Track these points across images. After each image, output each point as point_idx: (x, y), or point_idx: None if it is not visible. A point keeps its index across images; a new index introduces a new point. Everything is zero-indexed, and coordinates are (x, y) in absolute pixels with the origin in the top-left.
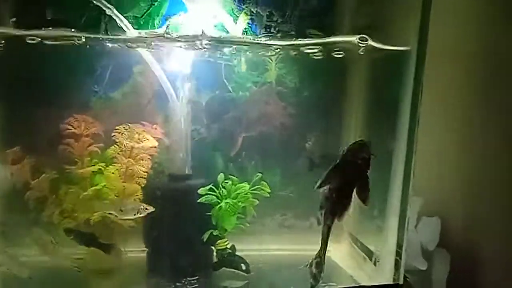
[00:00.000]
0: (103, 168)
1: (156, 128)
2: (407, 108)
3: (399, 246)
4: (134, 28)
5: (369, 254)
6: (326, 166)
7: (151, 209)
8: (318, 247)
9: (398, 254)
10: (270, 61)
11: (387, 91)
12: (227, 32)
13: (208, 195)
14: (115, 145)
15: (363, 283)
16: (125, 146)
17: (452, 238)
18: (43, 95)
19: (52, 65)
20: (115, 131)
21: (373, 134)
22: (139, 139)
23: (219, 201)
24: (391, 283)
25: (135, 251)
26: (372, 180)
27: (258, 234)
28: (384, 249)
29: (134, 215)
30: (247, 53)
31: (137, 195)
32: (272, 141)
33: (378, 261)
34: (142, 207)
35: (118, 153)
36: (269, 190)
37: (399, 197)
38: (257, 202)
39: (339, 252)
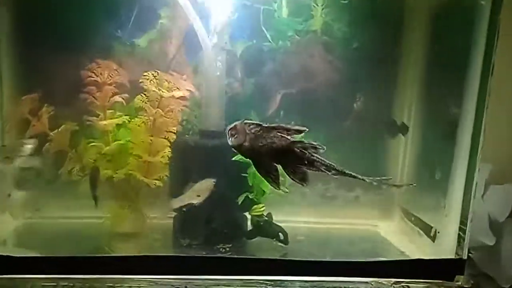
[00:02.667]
0: (127, 121)
1: (185, 79)
2: (477, 66)
3: (464, 217)
4: None
5: (425, 228)
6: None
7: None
8: (364, 221)
9: (463, 226)
10: (316, 6)
11: (454, 43)
12: None
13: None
14: (142, 94)
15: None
16: (153, 95)
17: None
18: (63, 39)
19: (73, 6)
20: (143, 77)
21: (433, 95)
22: (169, 87)
23: None
24: (454, 257)
25: (160, 217)
26: (436, 143)
27: (297, 205)
28: (445, 222)
29: (208, 193)
30: None
31: (165, 152)
32: (316, 100)
33: (438, 232)
34: (211, 182)
35: (145, 103)
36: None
37: (464, 163)
38: None
39: (389, 228)
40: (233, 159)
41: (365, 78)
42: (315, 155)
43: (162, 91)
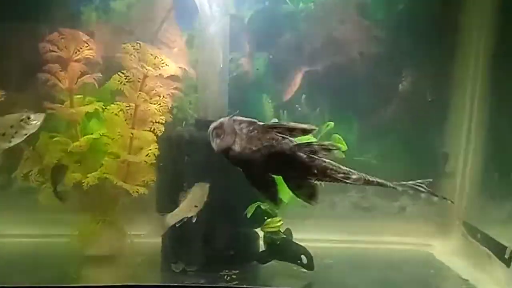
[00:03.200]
0: (101, 109)
1: (177, 54)
2: None
3: None
4: None
5: (496, 249)
6: None
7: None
8: (412, 239)
9: None
10: None
11: None
12: None
13: None
14: (120, 73)
15: None
16: (134, 74)
17: None
18: (15, 3)
19: None
20: (120, 51)
21: (502, 76)
22: (155, 64)
23: None
24: None
25: (146, 234)
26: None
27: (324, 218)
28: None
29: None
30: None
31: (150, 149)
32: (348, 80)
33: None
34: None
35: (124, 84)
36: (345, 148)
37: None
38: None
39: (446, 248)
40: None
41: (414, 51)
42: (328, 160)
43: (147, 69)
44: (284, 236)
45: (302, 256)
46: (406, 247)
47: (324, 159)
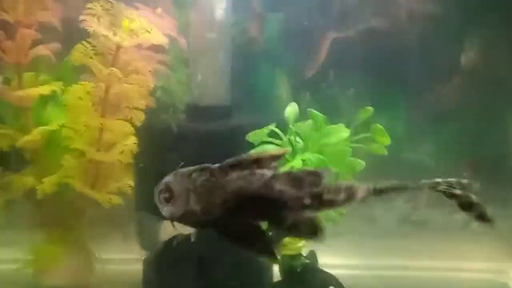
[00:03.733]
0: (60, 91)
1: (162, 15)
2: None
3: None
4: None
5: None
6: None
7: None
8: (481, 264)
9: None
10: None
11: None
12: None
13: (267, 145)
14: (84, 42)
15: None
16: (104, 43)
17: None
18: None
19: None
20: (85, 12)
21: None
22: (132, 30)
23: (290, 157)
24: None
25: (123, 259)
26: None
27: (361, 236)
28: None
29: None
30: None
31: (126, 144)
32: (392, 50)
33: None
34: None
35: (91, 58)
36: (387, 141)
37: None
38: (363, 165)
39: None
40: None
41: (484, 10)
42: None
43: (121, 36)
44: (307, 261)
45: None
46: (473, 275)
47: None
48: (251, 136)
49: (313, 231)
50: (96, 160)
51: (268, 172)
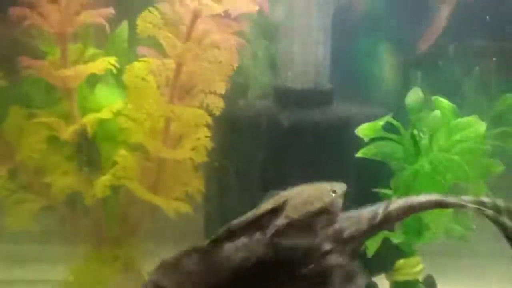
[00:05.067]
0: (115, 69)
1: None
2: None
3: None
4: None
5: None
6: None
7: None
8: None
9: None
10: None
11: None
12: None
13: (383, 142)
14: (152, 9)
15: None
16: (178, 11)
17: None
18: None
19: None
20: None
21: None
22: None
23: (411, 157)
24: None
25: None
26: None
27: (487, 257)
28: None
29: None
30: None
31: (198, 138)
32: None
33: None
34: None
35: (160, 28)
36: None
37: None
38: (502, 168)
39: None
40: (357, 155)
41: None
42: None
43: (201, 2)
44: None
45: None
46: None
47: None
48: (361, 131)
49: (348, 277)
50: (160, 158)
51: (268, 231)
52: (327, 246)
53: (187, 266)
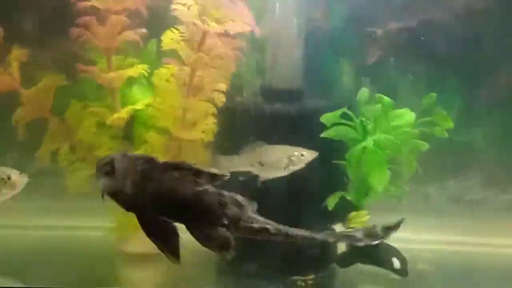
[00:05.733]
0: (146, 73)
1: (242, 6)
2: None
3: None
4: None
5: None
6: None
7: (314, 154)
8: None
9: None
10: None
11: None
12: None
13: (340, 126)
14: (173, 29)
15: None
16: (192, 31)
17: None
18: None
19: None
20: (176, 1)
21: None
22: (217, 19)
23: (361, 137)
24: None
25: None
26: None
27: (417, 213)
28: None
29: (285, 168)
30: None
31: (207, 124)
32: (450, 37)
33: None
34: (296, 153)
35: (179, 43)
36: (451, 125)
37: None
38: (427, 146)
39: None
40: (321, 135)
41: None
42: (242, 214)
43: (208, 24)
44: None
45: (393, 259)
46: None
47: (238, 212)
48: (324, 118)
49: (223, 246)
50: (179, 138)
51: (205, 186)
52: (225, 221)
53: (139, 166)
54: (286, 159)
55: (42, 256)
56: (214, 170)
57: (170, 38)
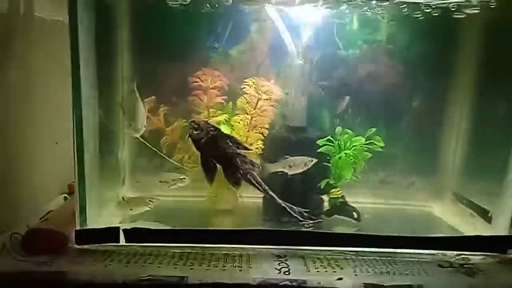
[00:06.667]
0: (227, 118)
1: (273, 83)
2: None
3: None
4: None
5: (478, 210)
6: None
7: (315, 160)
8: (418, 203)
9: None
10: (382, 19)
11: (507, 49)
12: None
13: (328, 146)
14: (243, 97)
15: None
16: (251, 98)
17: None
18: (174, 51)
19: (182, 24)
20: (244, 83)
21: (487, 91)
22: (265, 92)
23: (338, 152)
24: (507, 234)
25: (252, 196)
26: (488, 137)
27: (365, 188)
28: (499, 205)
29: (302, 168)
30: (360, 11)
31: (258, 144)
32: (380, 100)
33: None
34: (309, 160)
35: (245, 104)
36: (382, 145)
37: None
38: (370, 155)
39: (442, 209)
40: (318, 151)
41: (423, 80)
42: (251, 171)
43: (261, 95)
44: (342, 200)
45: (354, 212)
46: (415, 208)
47: (249, 169)
48: (320, 142)
49: (235, 183)
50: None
51: (238, 150)
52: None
53: (209, 129)
54: (303, 164)
55: (175, 210)
56: (246, 145)
57: (241, 102)
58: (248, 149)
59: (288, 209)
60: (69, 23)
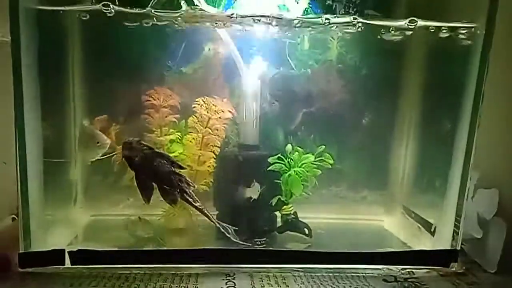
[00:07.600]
0: (180, 137)
1: (226, 101)
2: (472, 86)
3: (458, 215)
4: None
5: (424, 224)
6: None
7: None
8: (369, 217)
9: (457, 223)
10: (332, 39)
11: (450, 71)
12: (289, 11)
13: (278, 163)
14: (194, 116)
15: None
16: (202, 117)
17: (508, 209)
18: (126, 70)
19: (132, 43)
20: (195, 102)
21: (432, 111)
22: (215, 111)
23: (288, 169)
24: (450, 248)
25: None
26: (433, 155)
27: (317, 203)
28: (442, 219)
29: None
30: (310, 32)
31: (210, 162)
32: (330, 117)
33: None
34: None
35: (196, 123)
36: (331, 162)
37: (460, 170)
38: (320, 172)
39: (392, 223)
40: (269, 169)
41: (372, 99)
42: (187, 189)
43: (211, 114)
44: (293, 216)
45: (305, 228)
46: (366, 222)
47: (185, 187)
48: (271, 159)
49: (172, 201)
50: (196, 170)
51: (172, 168)
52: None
53: (143, 147)
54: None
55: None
56: (180, 163)
57: (192, 121)
58: (183, 168)
59: (222, 229)
60: (11, 42)
